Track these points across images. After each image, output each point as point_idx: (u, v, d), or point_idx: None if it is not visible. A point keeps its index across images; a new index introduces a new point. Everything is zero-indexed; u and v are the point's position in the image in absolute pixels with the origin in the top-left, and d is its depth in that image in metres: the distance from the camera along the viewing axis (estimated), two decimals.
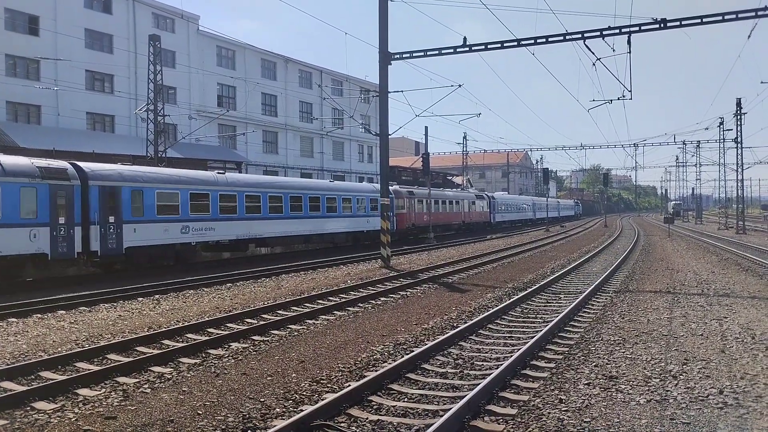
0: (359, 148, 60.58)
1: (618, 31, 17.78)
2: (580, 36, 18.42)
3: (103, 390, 6.87)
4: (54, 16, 33.69)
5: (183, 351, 8.48)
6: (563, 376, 7.01)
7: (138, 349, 8.87)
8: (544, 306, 12.30)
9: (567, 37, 18.64)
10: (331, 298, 13.56)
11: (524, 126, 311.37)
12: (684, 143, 57.12)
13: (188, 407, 6.18)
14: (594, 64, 19.27)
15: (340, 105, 45.14)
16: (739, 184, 46.13)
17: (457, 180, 62.07)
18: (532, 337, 8.78)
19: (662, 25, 17.36)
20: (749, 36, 21.51)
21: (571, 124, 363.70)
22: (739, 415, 5.67)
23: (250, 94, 45.71)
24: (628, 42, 17.86)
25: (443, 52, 20.31)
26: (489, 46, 19.76)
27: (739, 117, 42.89)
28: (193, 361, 8.10)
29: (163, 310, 12.22)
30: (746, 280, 16.09)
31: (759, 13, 16.92)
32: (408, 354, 8.07)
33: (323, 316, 11.40)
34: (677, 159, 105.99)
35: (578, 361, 7.69)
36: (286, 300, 12.86)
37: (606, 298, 12.97)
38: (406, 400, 6.39)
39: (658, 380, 6.81)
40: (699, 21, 17.32)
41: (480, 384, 6.30)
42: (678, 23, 17.38)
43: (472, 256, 24.48)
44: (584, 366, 7.46)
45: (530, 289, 13.91)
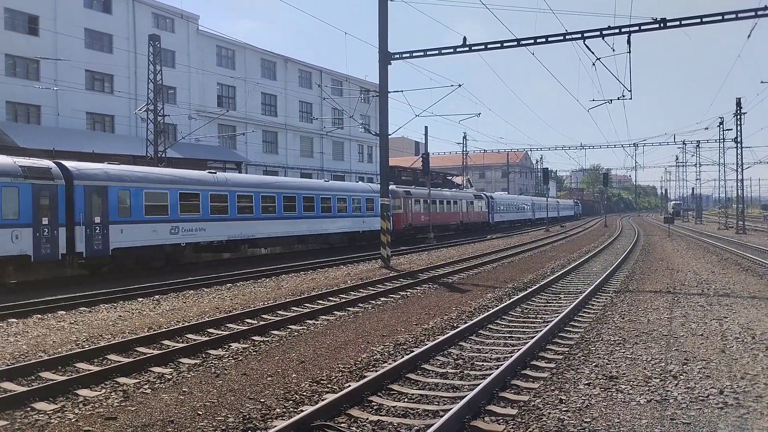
0: (359, 148, 60.58)
1: (618, 30, 17.79)
2: (580, 36, 18.42)
3: (104, 390, 6.87)
4: (54, 15, 33.70)
5: (183, 351, 8.47)
6: (563, 376, 7.02)
7: (138, 349, 8.87)
8: (544, 306, 12.30)
9: (567, 37, 18.65)
10: (331, 299, 13.56)
11: (524, 126, 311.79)
12: (684, 143, 57.14)
13: (188, 407, 6.18)
14: (594, 64, 19.31)
15: (340, 105, 45.16)
16: (739, 183, 46.20)
17: (457, 180, 62.05)
18: (533, 338, 8.78)
19: (662, 25, 17.38)
20: (749, 36, 21.59)
21: (571, 124, 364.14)
22: (740, 415, 5.67)
23: (250, 94, 45.72)
24: (628, 42, 17.88)
25: (443, 52, 20.31)
26: (489, 46, 19.77)
27: (738, 117, 42.90)
28: (193, 362, 8.10)
29: (163, 310, 12.22)
30: (746, 280, 16.09)
31: (759, 12, 16.92)
32: (408, 354, 8.07)
33: (323, 317, 11.39)
34: (677, 159, 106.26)
35: (578, 361, 7.69)
36: (286, 300, 12.85)
37: (606, 298, 12.97)
38: (406, 400, 6.39)
39: (658, 380, 6.81)
40: (699, 21, 17.34)
41: (480, 384, 6.31)
42: (678, 23, 17.39)
43: (472, 256, 24.48)
44: (584, 366, 7.47)
45: (530, 289, 13.91)
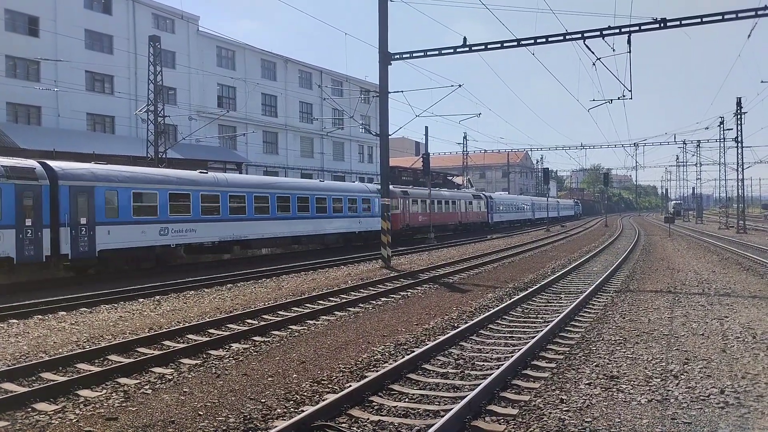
0: (359, 148, 60.56)
1: (618, 30, 17.79)
2: (580, 36, 18.42)
3: (104, 391, 6.87)
4: (54, 16, 33.69)
5: (184, 352, 8.47)
6: (564, 376, 7.01)
7: (139, 349, 8.87)
8: (545, 306, 12.30)
9: (567, 37, 18.65)
10: (331, 299, 13.56)
11: (524, 126, 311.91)
12: (684, 143, 57.15)
13: (189, 408, 6.18)
14: (594, 64, 19.28)
15: (340, 105, 45.15)
16: (740, 183, 46.16)
17: (458, 180, 62.05)
18: (533, 337, 8.78)
19: (662, 25, 17.37)
20: (749, 35, 21.60)
21: (571, 123, 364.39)
22: (741, 414, 5.67)
23: (250, 94, 45.71)
24: (628, 42, 17.87)
25: (443, 52, 20.31)
26: (489, 46, 19.77)
27: (739, 116, 42.88)
28: (194, 362, 8.10)
29: (164, 310, 12.22)
30: (747, 279, 16.09)
31: (759, 12, 16.92)
32: (409, 354, 8.07)
33: (324, 317, 11.39)
34: (677, 158, 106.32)
35: (579, 361, 7.69)
36: (287, 300, 12.85)
37: (607, 298, 12.97)
38: (407, 400, 6.39)
39: (659, 380, 6.81)
40: (699, 21, 17.33)
41: (481, 384, 6.31)
42: (678, 23, 17.39)
43: (473, 256, 24.48)
44: (585, 366, 7.46)
45: (531, 289, 13.90)
